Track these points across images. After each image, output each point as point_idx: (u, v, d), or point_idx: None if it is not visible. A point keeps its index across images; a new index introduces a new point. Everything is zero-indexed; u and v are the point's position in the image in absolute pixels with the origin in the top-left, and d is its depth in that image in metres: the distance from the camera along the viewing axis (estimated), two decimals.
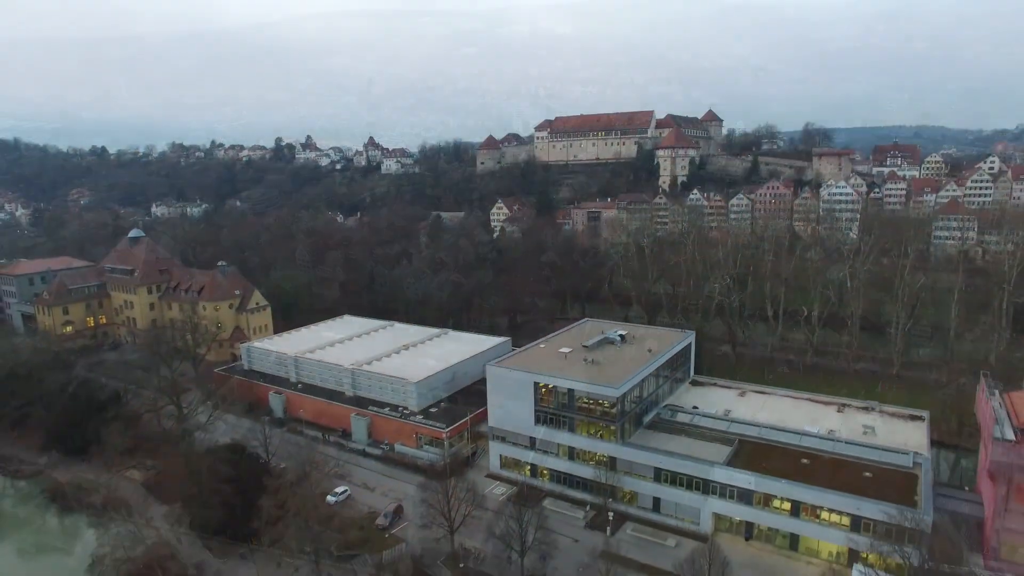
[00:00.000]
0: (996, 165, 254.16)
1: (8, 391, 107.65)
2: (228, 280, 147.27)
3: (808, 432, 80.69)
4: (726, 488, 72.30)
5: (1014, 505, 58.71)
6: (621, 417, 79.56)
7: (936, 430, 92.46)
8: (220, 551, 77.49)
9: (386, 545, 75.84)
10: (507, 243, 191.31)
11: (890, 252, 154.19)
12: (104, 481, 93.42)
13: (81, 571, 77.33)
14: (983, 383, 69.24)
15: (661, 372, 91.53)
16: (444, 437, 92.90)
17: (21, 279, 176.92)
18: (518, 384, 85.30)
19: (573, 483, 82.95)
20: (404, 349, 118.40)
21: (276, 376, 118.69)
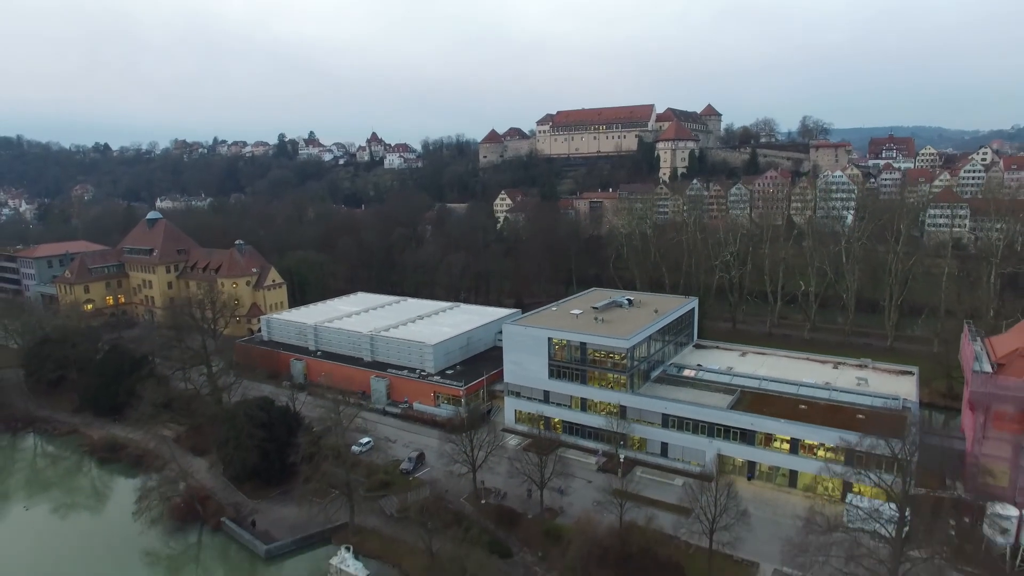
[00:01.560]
0: (989, 156, 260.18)
1: (43, 355, 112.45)
2: (246, 258, 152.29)
3: (805, 383, 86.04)
4: (729, 430, 77.50)
5: (991, 432, 64.03)
6: (631, 368, 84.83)
7: (927, 391, 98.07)
8: (254, 494, 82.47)
9: (410, 487, 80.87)
10: (513, 227, 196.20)
11: (884, 238, 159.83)
12: (137, 437, 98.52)
13: (121, 519, 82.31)
14: (966, 329, 74.59)
15: (667, 332, 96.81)
16: (461, 394, 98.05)
17: (40, 261, 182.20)
18: (533, 340, 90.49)
19: (585, 433, 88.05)
20: (419, 319, 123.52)
21: (295, 345, 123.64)
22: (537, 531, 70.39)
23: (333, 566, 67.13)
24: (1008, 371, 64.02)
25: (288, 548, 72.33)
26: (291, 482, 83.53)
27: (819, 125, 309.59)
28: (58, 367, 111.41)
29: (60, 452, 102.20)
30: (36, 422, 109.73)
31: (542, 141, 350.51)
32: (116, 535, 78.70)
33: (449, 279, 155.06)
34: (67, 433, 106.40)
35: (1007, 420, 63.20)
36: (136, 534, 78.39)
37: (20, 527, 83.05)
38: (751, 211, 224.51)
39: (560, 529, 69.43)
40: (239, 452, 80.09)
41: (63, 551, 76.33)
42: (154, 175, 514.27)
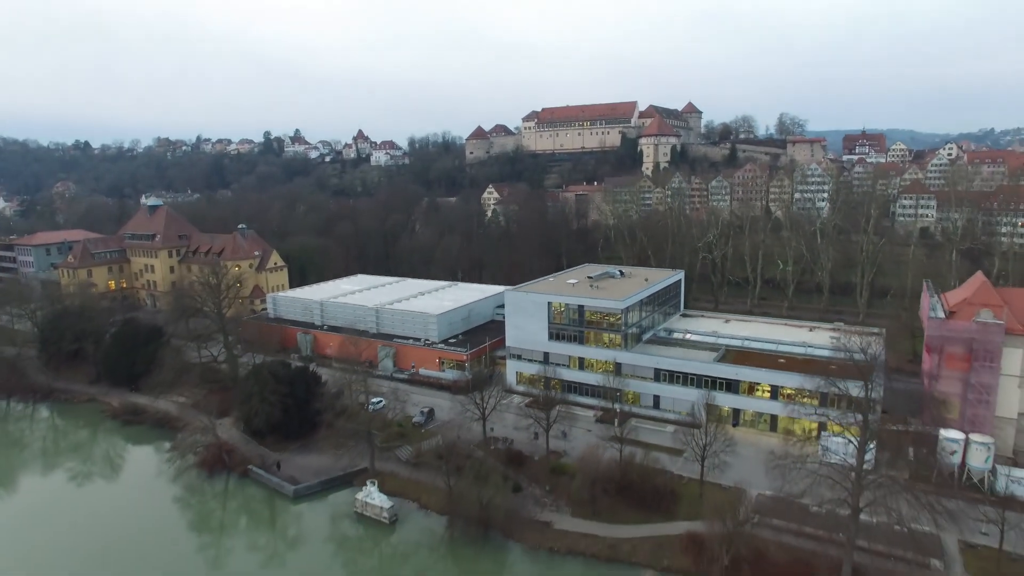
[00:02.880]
0: (954, 152, 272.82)
1: (61, 328, 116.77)
2: (248, 242, 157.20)
3: (784, 342, 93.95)
4: (716, 381, 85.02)
5: (944, 371, 72.23)
6: (625, 329, 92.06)
7: (894, 356, 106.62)
8: (275, 447, 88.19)
9: (423, 438, 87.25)
10: (505, 214, 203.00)
11: (857, 225, 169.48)
12: (157, 403, 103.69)
13: (151, 473, 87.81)
14: (926, 286, 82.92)
15: (656, 299, 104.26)
16: (465, 359, 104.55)
17: (39, 249, 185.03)
18: (534, 305, 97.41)
19: (583, 391, 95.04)
20: (420, 295, 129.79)
21: (302, 321, 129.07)
22: (543, 469, 77.13)
23: (359, 500, 73.55)
24: (958, 317, 72.29)
25: (314, 489, 78.33)
26: (310, 436, 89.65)
27: (795, 122, 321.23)
28: (76, 339, 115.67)
29: (84, 418, 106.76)
30: (54, 392, 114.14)
31: (528, 137, 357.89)
32: (148, 487, 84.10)
33: (446, 261, 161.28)
34: (86, 401, 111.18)
35: (957, 359, 71.37)
36: (167, 484, 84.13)
37: (61, 483, 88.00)
38: (731, 202, 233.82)
39: (565, 467, 76.26)
40: (263, 406, 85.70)
41: (102, 504, 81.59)
42: (138, 172, 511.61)
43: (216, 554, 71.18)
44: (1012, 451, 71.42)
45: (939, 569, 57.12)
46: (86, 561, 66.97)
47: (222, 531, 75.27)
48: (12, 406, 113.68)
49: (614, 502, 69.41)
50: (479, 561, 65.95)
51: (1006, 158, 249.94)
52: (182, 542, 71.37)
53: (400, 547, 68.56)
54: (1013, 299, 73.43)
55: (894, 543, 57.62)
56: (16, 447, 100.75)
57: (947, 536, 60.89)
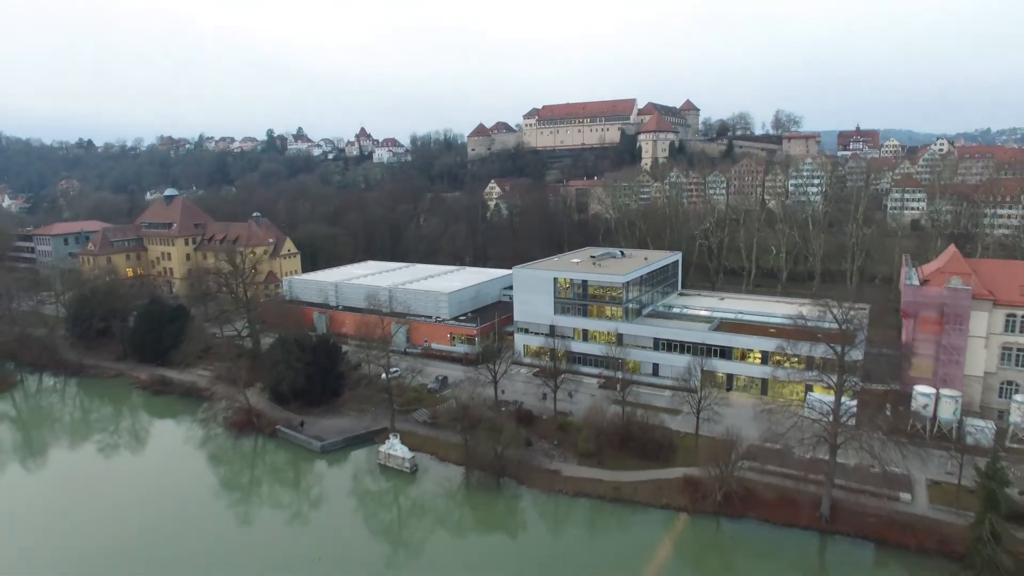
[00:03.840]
0: (945, 147, 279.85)
1: (92, 306, 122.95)
2: (262, 229, 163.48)
3: (775, 314, 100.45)
4: (711, 348, 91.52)
5: (919, 335, 78.76)
6: (626, 302, 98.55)
7: (879, 332, 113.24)
8: (299, 412, 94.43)
9: (438, 402, 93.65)
10: (509, 204, 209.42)
11: (848, 215, 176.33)
12: (181, 376, 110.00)
13: (184, 436, 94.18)
14: (905, 260, 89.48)
15: (655, 277, 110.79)
16: (476, 334, 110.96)
17: (57, 239, 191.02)
18: (540, 281, 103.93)
19: (587, 361, 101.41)
20: (430, 277, 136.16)
21: (317, 302, 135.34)
22: (552, 427, 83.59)
23: (383, 452, 79.98)
24: (931, 284, 78.88)
25: (339, 445, 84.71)
26: (331, 402, 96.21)
27: (791, 118, 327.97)
28: (104, 318, 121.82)
29: (114, 390, 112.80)
30: (84, 368, 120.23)
31: (528, 134, 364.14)
32: (180, 448, 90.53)
33: (452, 249, 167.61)
34: (114, 376, 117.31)
35: (930, 323, 77.90)
36: (199, 445, 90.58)
37: (98, 447, 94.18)
38: (728, 196, 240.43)
39: (571, 424, 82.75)
40: (289, 372, 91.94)
41: (137, 466, 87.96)
42: (142, 169, 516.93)
43: (246, 510, 75.65)
44: (979, 406, 77.91)
45: (907, 501, 63.66)
46: (123, 518, 70.41)
47: (251, 487, 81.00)
48: (44, 381, 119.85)
49: (617, 453, 75.89)
50: (494, 505, 72.33)
51: (994, 153, 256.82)
52: (216, 497, 77.20)
53: (421, 493, 74.75)
54: (981, 268, 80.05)
55: (869, 482, 64.18)
56: (53, 416, 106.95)
57: (917, 476, 67.47)
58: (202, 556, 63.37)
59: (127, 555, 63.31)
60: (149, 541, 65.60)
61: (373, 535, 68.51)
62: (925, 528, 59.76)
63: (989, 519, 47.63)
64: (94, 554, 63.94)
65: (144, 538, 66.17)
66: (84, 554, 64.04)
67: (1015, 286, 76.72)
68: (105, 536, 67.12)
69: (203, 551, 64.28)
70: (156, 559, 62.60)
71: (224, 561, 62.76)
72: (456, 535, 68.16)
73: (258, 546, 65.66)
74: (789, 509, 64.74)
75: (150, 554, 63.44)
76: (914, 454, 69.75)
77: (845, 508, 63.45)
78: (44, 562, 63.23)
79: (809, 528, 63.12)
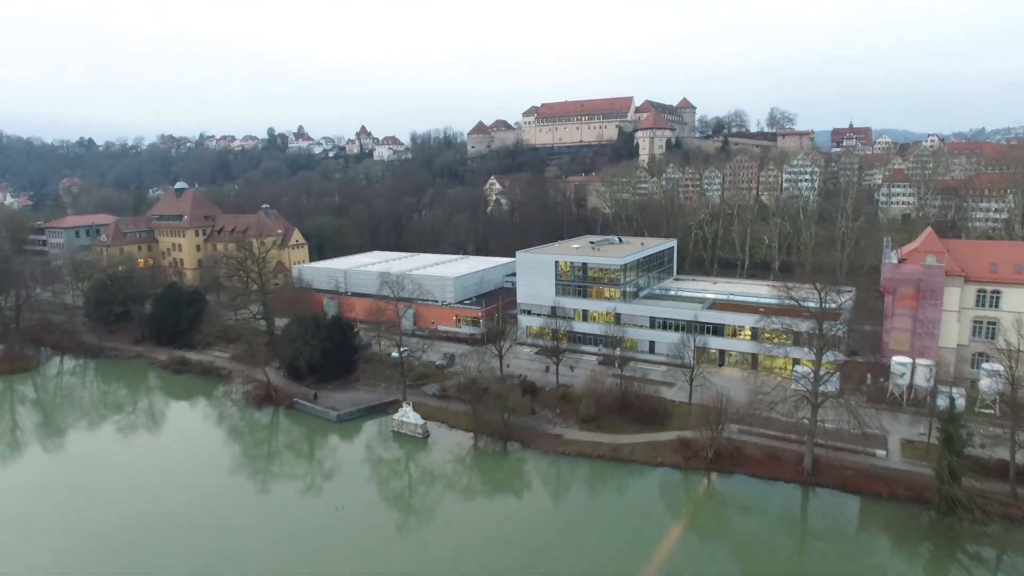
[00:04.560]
0: (935, 143, 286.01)
1: (112, 291, 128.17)
2: (272, 220, 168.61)
3: (764, 296, 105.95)
4: (704, 326, 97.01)
5: (897, 310, 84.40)
6: (624, 283, 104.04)
7: (865, 313, 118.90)
8: (314, 387, 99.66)
9: (446, 377, 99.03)
10: (510, 196, 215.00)
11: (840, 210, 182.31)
12: (199, 357, 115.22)
13: (205, 412, 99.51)
14: (885, 243, 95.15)
15: (651, 261, 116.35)
16: (481, 315, 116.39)
17: (69, 231, 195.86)
18: (542, 264, 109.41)
19: (587, 340, 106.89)
20: (435, 264, 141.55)
21: (327, 289, 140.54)
22: (554, 397, 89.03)
23: (396, 420, 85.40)
24: (908, 262, 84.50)
25: (354, 415, 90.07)
26: (345, 378, 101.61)
27: (785, 116, 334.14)
28: (123, 302, 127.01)
29: (134, 370, 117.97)
30: (104, 351, 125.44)
31: (527, 131, 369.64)
32: (201, 421, 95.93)
33: (456, 238, 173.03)
34: (134, 357, 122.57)
35: (908, 298, 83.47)
36: (220, 417, 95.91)
37: (122, 422, 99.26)
38: (723, 191, 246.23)
39: (572, 394, 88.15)
40: (305, 348, 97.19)
41: (162, 438, 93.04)
42: (143, 167, 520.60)
43: (266, 477, 78.91)
44: (953, 376, 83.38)
45: (882, 456, 69.21)
46: (149, 485, 73.80)
47: (270, 456, 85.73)
48: (67, 363, 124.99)
49: (615, 419, 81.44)
50: (501, 466, 77.78)
51: (983, 149, 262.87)
52: (238, 465, 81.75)
53: (432, 456, 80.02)
54: (954, 248, 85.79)
55: (848, 441, 69.74)
56: (77, 392, 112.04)
57: (892, 436, 73.04)
58: (227, 518, 67.23)
59: (150, 522, 65.77)
60: (174, 508, 68.16)
61: (385, 499, 72.96)
62: (897, 479, 65.28)
63: (948, 460, 53.16)
64: (119, 521, 66.18)
65: (169, 505, 68.82)
66: (110, 521, 66.42)
67: (985, 264, 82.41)
68: (129, 504, 69.38)
69: (227, 514, 68.14)
70: (188, 523, 65.43)
71: (247, 524, 66.08)
72: (465, 496, 72.61)
73: (278, 509, 69.45)
74: (774, 465, 70.28)
75: (178, 520, 65.84)
76: (890, 418, 75.76)
77: (825, 463, 69.02)
78: (73, 526, 65.71)
79: (792, 481, 68.61)
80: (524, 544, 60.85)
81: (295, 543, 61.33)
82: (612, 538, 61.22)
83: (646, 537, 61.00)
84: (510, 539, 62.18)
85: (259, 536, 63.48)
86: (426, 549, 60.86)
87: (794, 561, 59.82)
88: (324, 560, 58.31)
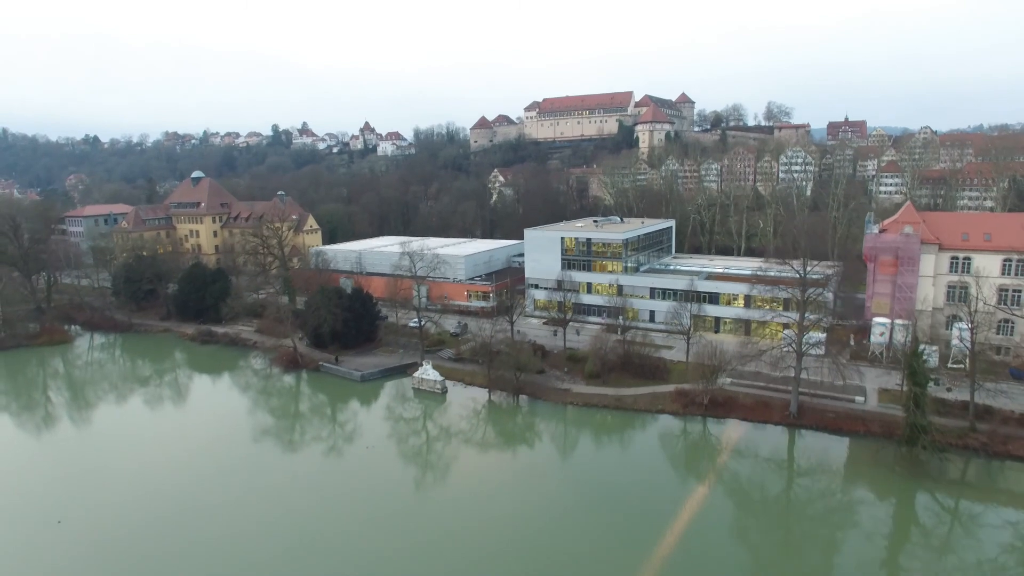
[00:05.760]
0: (928, 134, 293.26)
1: (140, 269, 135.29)
2: (287, 206, 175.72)
3: (759, 268, 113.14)
4: (700, 295, 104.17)
5: (878, 276, 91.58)
6: (626, 257, 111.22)
7: (851, 286, 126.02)
8: (336, 353, 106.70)
9: (460, 343, 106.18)
10: (515, 185, 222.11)
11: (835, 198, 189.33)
12: (225, 330, 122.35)
13: (234, 376, 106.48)
14: (868, 217, 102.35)
15: (651, 239, 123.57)
16: (491, 290, 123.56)
17: (88, 219, 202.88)
18: (549, 240, 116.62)
19: (591, 311, 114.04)
20: (444, 246, 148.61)
21: (343, 269, 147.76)
22: (561, 359, 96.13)
23: (416, 377, 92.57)
24: (888, 232, 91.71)
25: (376, 375, 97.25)
26: (365, 346, 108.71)
27: (782, 110, 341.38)
28: (151, 280, 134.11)
29: (164, 343, 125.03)
30: (133, 327, 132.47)
31: (529, 126, 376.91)
32: (234, 384, 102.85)
33: (463, 224, 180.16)
34: (161, 331, 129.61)
35: (887, 266, 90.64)
36: (251, 380, 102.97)
37: (160, 389, 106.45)
38: (720, 183, 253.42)
39: (578, 355, 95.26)
40: (329, 316, 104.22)
41: (199, 398, 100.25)
42: (149, 164, 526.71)
43: (296, 435, 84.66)
44: (929, 337, 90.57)
45: (861, 402, 76.44)
46: (185, 443, 78.69)
47: (299, 415, 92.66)
48: (97, 338, 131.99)
49: (619, 375, 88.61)
50: (514, 417, 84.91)
51: (973, 140, 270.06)
52: (271, 421, 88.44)
53: (451, 411, 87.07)
54: (930, 219, 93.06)
55: (830, 389, 77.03)
56: (110, 364, 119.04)
57: (870, 387, 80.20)
58: (261, 469, 71.33)
59: (185, 474, 69.73)
60: (211, 462, 72.49)
61: (408, 445, 79.61)
62: (873, 419, 72.50)
63: (913, 390, 60.31)
64: (156, 474, 69.84)
65: (206, 459, 73.35)
66: (146, 473, 70.06)
67: (958, 234, 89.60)
68: (162, 462, 73.01)
69: (261, 466, 71.96)
70: (222, 473, 69.88)
71: (280, 472, 70.54)
72: (480, 445, 78.15)
73: (312, 456, 75.97)
74: (764, 410, 77.50)
75: (214, 473, 69.71)
76: (870, 373, 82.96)
77: (810, 408, 76.27)
78: (123, 470, 71.05)
79: (780, 424, 75.79)
80: (535, 488, 65.68)
81: (330, 480, 68.59)
82: (616, 482, 65.91)
83: (647, 480, 66.56)
84: (523, 482, 67.47)
85: (292, 484, 67.16)
86: (447, 488, 67.65)
87: (782, 499, 65.32)
88: (354, 490, 65.54)
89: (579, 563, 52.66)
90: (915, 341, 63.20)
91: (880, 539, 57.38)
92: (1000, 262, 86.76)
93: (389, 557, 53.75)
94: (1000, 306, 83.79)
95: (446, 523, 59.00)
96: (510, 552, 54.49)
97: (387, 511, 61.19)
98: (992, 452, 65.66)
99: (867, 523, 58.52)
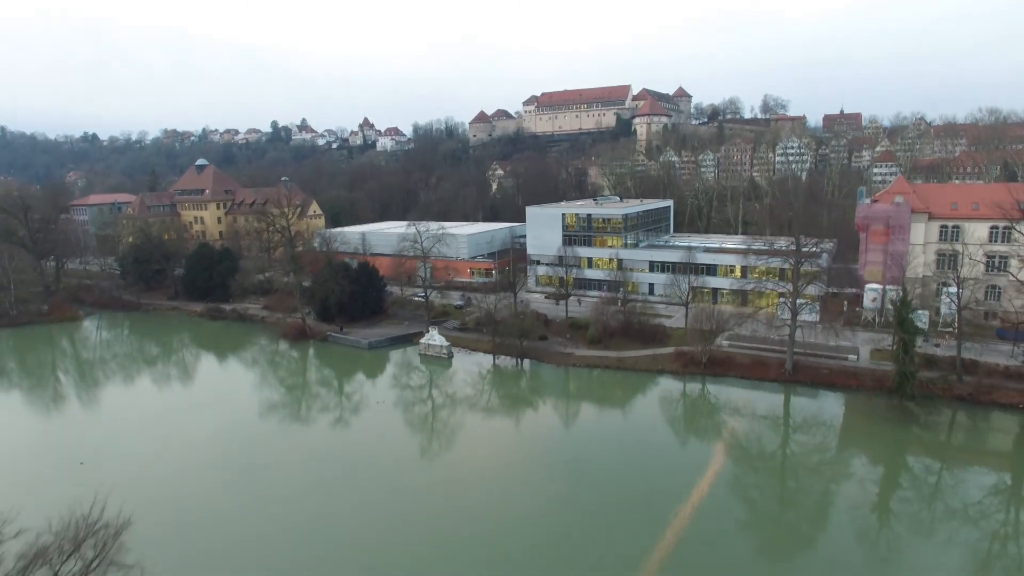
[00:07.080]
0: (922, 126, 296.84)
1: (148, 250, 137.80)
2: (291, 192, 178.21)
3: (754, 244, 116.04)
4: (698, 267, 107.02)
5: (870, 245, 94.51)
6: (625, 231, 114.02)
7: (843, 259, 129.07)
8: (343, 325, 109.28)
9: (464, 315, 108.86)
10: (515, 172, 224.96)
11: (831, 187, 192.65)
12: (232, 307, 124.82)
13: (243, 347, 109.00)
14: (860, 192, 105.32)
15: (650, 217, 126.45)
16: (494, 267, 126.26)
17: (92, 208, 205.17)
18: (550, 217, 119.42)
19: (591, 286, 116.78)
20: (447, 228, 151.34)
21: (348, 252, 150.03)
22: (564, 327, 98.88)
23: (423, 343, 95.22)
24: (880, 203, 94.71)
25: (383, 344, 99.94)
26: (371, 319, 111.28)
27: (778, 102, 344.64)
28: (159, 260, 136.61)
29: (173, 319, 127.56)
30: (142, 306, 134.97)
31: (528, 120, 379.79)
32: (245, 355, 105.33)
33: (464, 209, 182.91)
34: (170, 310, 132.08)
35: (879, 234, 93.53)
36: (261, 351, 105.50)
37: (170, 360, 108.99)
38: (717, 173, 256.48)
39: (580, 322, 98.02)
40: (336, 288, 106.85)
41: (213, 368, 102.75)
42: (148, 161, 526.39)
43: (309, 400, 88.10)
44: (919, 303, 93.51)
45: (853, 360, 79.32)
46: (199, 413, 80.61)
47: (310, 379, 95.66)
48: (106, 317, 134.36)
49: (620, 340, 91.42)
50: (519, 379, 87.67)
51: (966, 131, 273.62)
52: (284, 385, 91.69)
53: (457, 371, 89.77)
54: (920, 190, 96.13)
55: (824, 349, 79.89)
56: (123, 340, 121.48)
57: (863, 348, 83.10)
58: (275, 435, 72.32)
59: (199, 438, 71.03)
60: (232, 427, 73.76)
61: (417, 403, 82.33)
62: (865, 374, 75.33)
63: (902, 337, 63.14)
64: (178, 447, 68.74)
65: (227, 424, 74.79)
66: (167, 446, 68.81)
67: (946, 203, 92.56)
68: (182, 433, 72.90)
69: (276, 433, 72.48)
70: (245, 437, 71.43)
71: (294, 437, 72.16)
72: (486, 409, 79.11)
73: (326, 416, 78.89)
74: (760, 368, 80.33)
75: (235, 436, 71.06)
76: (864, 336, 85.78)
77: (804, 366, 79.11)
78: (146, 445, 72.74)
79: (776, 381, 78.60)
80: (540, 446, 67.41)
81: (340, 441, 71.46)
82: (618, 440, 67.88)
83: (649, 437, 68.20)
84: (528, 442, 69.30)
85: (306, 446, 68.41)
86: (455, 445, 69.74)
87: (778, 452, 67.44)
88: (367, 451, 66.77)
89: (586, 511, 53.15)
90: (905, 293, 65.96)
91: (871, 485, 59.90)
92: (988, 229, 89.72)
93: (401, 516, 52.64)
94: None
95: (454, 478, 59.57)
96: (519, 508, 54.06)
97: (397, 472, 60.77)
98: (978, 401, 68.61)
99: (860, 471, 61.26)
